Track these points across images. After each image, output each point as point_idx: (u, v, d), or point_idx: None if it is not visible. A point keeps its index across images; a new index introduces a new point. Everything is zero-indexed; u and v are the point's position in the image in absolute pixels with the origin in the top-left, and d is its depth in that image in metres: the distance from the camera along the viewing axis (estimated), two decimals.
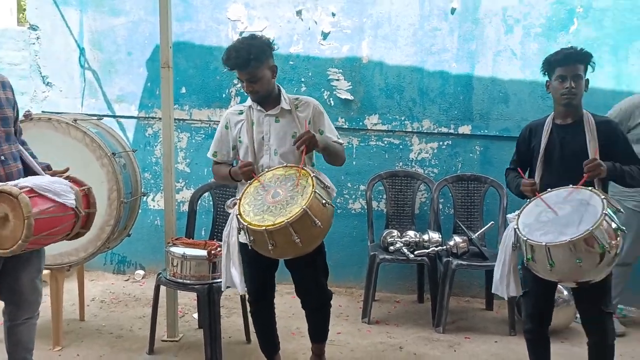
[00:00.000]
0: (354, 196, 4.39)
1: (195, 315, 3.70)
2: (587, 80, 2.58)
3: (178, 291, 3.41)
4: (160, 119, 3.65)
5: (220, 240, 3.30)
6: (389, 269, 4.27)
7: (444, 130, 4.29)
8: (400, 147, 4.35)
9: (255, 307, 2.83)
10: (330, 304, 2.88)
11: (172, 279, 3.09)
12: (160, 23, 3.30)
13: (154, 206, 4.59)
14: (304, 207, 2.27)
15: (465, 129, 4.28)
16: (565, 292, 3.55)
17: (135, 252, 4.59)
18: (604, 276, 2.39)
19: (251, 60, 2.51)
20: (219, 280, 3.01)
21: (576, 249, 2.19)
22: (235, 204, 2.54)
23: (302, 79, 4.34)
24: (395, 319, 3.91)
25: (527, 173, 2.71)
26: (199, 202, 3.65)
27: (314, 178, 2.40)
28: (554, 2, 4.11)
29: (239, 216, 2.41)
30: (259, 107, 2.69)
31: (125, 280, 4.53)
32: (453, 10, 4.20)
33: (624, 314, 3.99)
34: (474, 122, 4.27)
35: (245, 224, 2.34)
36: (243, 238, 2.48)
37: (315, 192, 2.33)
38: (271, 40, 2.68)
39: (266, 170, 2.60)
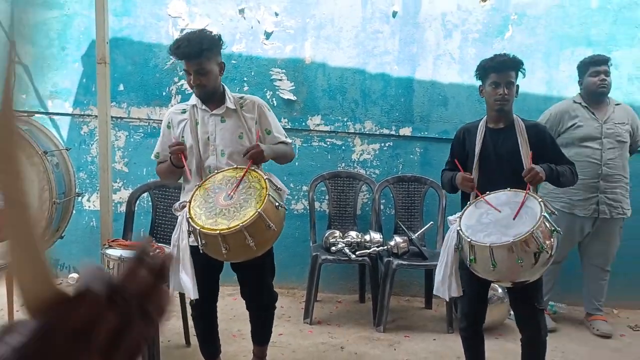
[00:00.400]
0: (296, 197, 4.39)
1: None
2: (518, 86, 2.67)
3: None
4: (96, 116, 3.53)
5: (160, 242, 3.25)
6: (331, 270, 4.30)
7: (386, 131, 4.35)
8: (343, 148, 4.38)
9: (199, 310, 2.77)
10: (275, 305, 2.87)
11: None
12: (97, 17, 3.19)
13: (89, 207, 4.43)
14: (259, 210, 2.26)
15: (406, 131, 4.35)
16: (500, 290, 3.67)
17: (69, 255, 4.42)
18: (538, 276, 2.49)
19: (203, 50, 2.48)
20: None
21: (518, 250, 2.26)
22: (183, 206, 2.49)
23: (245, 79, 4.30)
24: (336, 319, 3.93)
25: None
26: (137, 202, 3.55)
27: (266, 180, 2.39)
28: (490, 9, 4.25)
29: (190, 219, 2.35)
30: (203, 107, 2.63)
31: (58, 284, 4.33)
32: (394, 14, 4.27)
33: (554, 310, 4.17)
34: (414, 124, 4.35)
35: (198, 227, 2.29)
36: (193, 241, 2.43)
37: (269, 194, 2.32)
38: (220, 38, 2.63)
39: (215, 172, 2.54)
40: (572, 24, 4.25)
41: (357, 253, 3.79)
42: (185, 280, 2.50)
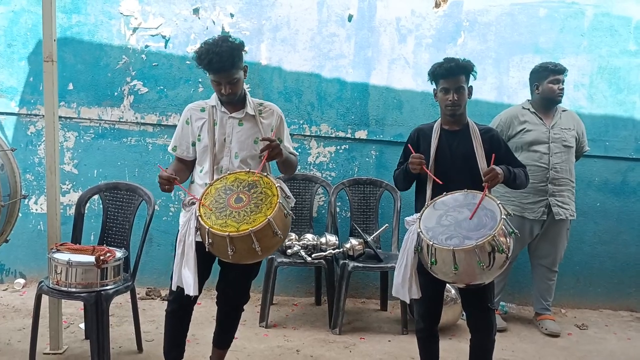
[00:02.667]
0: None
1: (82, 326, 3.49)
2: (471, 88, 2.70)
3: (63, 300, 3.19)
4: (43, 116, 3.42)
5: (111, 246, 3.17)
6: (287, 273, 4.29)
7: (342, 134, 4.37)
8: (299, 150, 4.35)
9: (177, 305, 2.69)
10: (244, 308, 2.87)
11: (56, 288, 2.88)
12: (44, 14, 3.08)
13: (36, 210, 4.27)
14: (269, 217, 2.30)
15: (361, 134, 4.38)
16: (453, 291, 3.73)
17: (15, 260, 4.25)
18: (493, 278, 2.53)
19: (235, 63, 2.52)
20: (108, 287, 2.90)
21: (480, 252, 2.28)
22: (192, 203, 2.50)
23: (200, 80, 4.24)
24: (292, 322, 3.91)
25: (414, 183, 2.80)
26: (88, 205, 3.44)
27: (278, 188, 2.43)
28: (443, 15, 4.34)
29: (199, 217, 2.37)
30: (223, 108, 2.67)
31: (4, 290, 4.17)
32: (350, 17, 4.30)
33: (505, 310, 4.27)
34: (370, 127, 4.39)
35: (207, 227, 2.32)
36: (198, 238, 2.44)
37: (279, 202, 2.36)
38: (243, 43, 2.64)
39: (228, 173, 2.57)
40: (521, 31, 4.38)
41: (313, 256, 3.78)
42: (186, 276, 2.48)
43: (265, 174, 2.51)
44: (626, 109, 4.45)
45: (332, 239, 3.93)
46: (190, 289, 2.47)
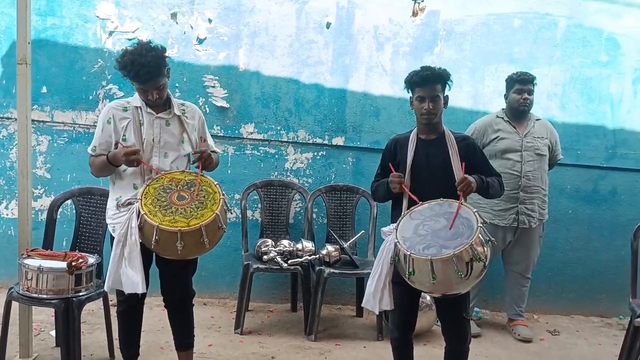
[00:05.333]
0: (229, 204, 4.31)
1: (53, 333, 3.43)
2: (447, 97, 2.73)
3: (33, 307, 3.13)
4: (16, 119, 3.36)
5: (84, 251, 3.13)
6: (262, 279, 4.27)
7: (319, 141, 4.38)
8: (276, 156, 4.37)
9: (128, 304, 2.75)
10: (192, 302, 2.90)
11: (26, 294, 2.83)
12: (18, 16, 3.03)
13: (7, 215, 4.20)
14: (217, 212, 2.51)
15: (338, 140, 4.40)
16: (428, 297, 3.75)
17: None
18: (470, 288, 2.54)
19: (161, 71, 2.61)
20: (80, 294, 2.86)
21: (458, 261, 2.28)
22: (130, 203, 2.59)
23: (177, 84, 4.21)
24: (268, 328, 3.90)
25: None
26: (60, 210, 3.39)
27: (217, 185, 2.65)
28: (419, 24, 4.38)
29: (145, 215, 2.46)
30: (149, 110, 2.71)
31: None
32: (328, 25, 4.32)
33: (479, 316, 4.32)
34: (347, 134, 4.41)
35: (157, 224, 2.43)
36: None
37: (223, 198, 2.59)
38: (164, 48, 2.71)
39: (163, 173, 2.66)
40: (496, 41, 4.45)
41: (289, 262, 3.77)
42: (131, 275, 2.54)
43: (202, 173, 2.68)
44: (597, 119, 4.55)
45: (309, 245, 3.93)
46: (139, 287, 2.54)
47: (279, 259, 3.77)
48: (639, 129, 4.56)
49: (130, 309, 2.78)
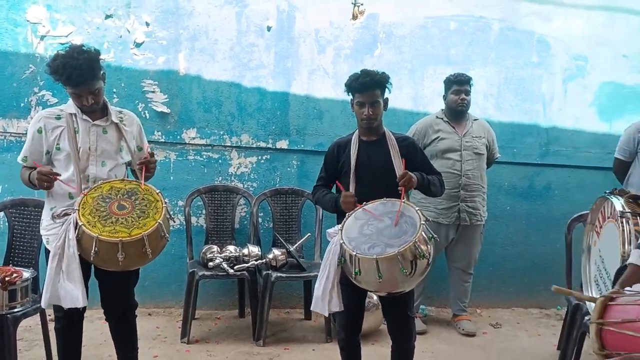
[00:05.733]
0: (172, 212, 4.22)
1: None
2: (387, 100, 2.78)
3: None
4: None
5: (18, 266, 3.01)
6: (209, 286, 4.21)
7: (263, 144, 4.36)
8: (220, 161, 4.32)
9: (67, 320, 2.64)
10: (135, 313, 2.82)
11: None
12: None
13: None
14: (159, 220, 2.46)
15: (282, 144, 4.39)
16: (375, 297, 3.80)
17: None
18: (415, 285, 2.59)
19: (95, 74, 2.52)
20: (15, 310, 2.75)
21: (403, 259, 2.32)
22: (66, 213, 2.50)
23: (114, 90, 4.10)
24: (215, 336, 3.84)
25: (334, 188, 2.85)
26: None
27: (159, 193, 2.59)
28: (360, 27, 4.43)
29: (84, 226, 2.38)
30: (84, 116, 2.62)
31: None
32: (269, 28, 4.31)
33: (425, 313, 4.40)
34: (291, 137, 4.40)
35: (96, 235, 2.36)
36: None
37: (165, 206, 2.54)
38: (98, 51, 2.62)
39: (101, 182, 2.59)
40: (434, 44, 4.56)
41: (235, 267, 3.74)
42: (70, 289, 2.45)
43: (142, 181, 2.62)
44: (531, 117, 4.73)
45: (255, 250, 3.90)
46: (79, 301, 2.46)
47: (225, 265, 3.72)
48: (570, 127, 4.77)
49: (69, 325, 2.68)
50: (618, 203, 3.12)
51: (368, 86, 2.67)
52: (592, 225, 3.48)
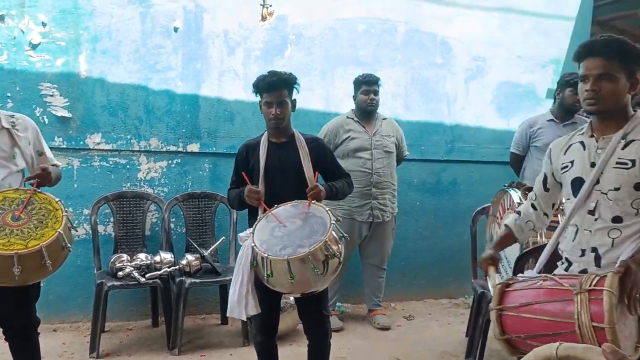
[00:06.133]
0: (77, 221, 4.02)
1: None
2: (295, 101, 2.81)
3: None
4: None
5: None
6: (119, 296, 4.06)
7: (173, 148, 4.26)
8: (127, 166, 4.17)
9: None
10: (37, 330, 2.67)
11: None
12: None
13: None
14: (59, 230, 2.34)
15: (193, 147, 4.31)
16: (292, 298, 3.81)
17: None
18: (328, 284, 2.63)
19: None
20: None
21: (314, 259, 2.35)
22: None
23: (9, 94, 3.85)
24: (127, 348, 3.71)
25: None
26: None
27: (58, 202, 2.47)
28: (269, 28, 4.43)
29: None
30: None
31: None
32: (176, 29, 4.21)
33: (341, 310, 4.48)
34: (202, 140, 4.33)
35: None
36: None
37: (66, 215, 2.42)
38: None
39: None
40: (343, 45, 4.64)
41: (147, 276, 3.62)
42: None
43: (39, 190, 2.50)
44: (436, 116, 4.92)
45: (167, 256, 3.81)
46: None
47: (136, 274, 3.60)
48: (472, 124, 5.01)
49: None
50: (516, 195, 3.33)
51: (275, 86, 2.69)
52: (493, 217, 3.69)
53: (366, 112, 4.14)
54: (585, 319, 1.69)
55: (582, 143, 2.15)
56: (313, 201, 2.61)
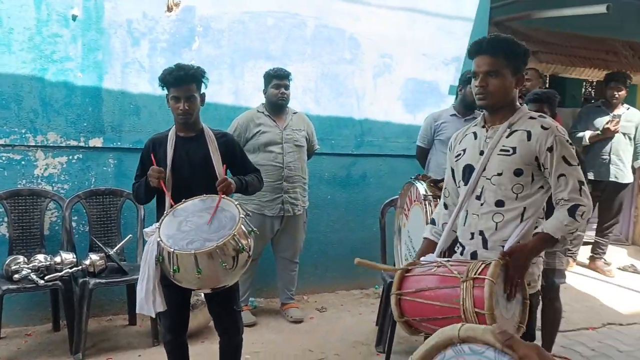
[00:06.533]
0: None
1: None
2: (204, 95, 2.77)
3: None
4: None
5: None
6: (15, 301, 3.81)
7: (73, 143, 4.04)
8: (23, 163, 3.91)
9: None
10: None
11: None
12: None
13: None
14: None
15: (97, 142, 4.11)
16: (203, 294, 3.75)
17: None
18: (237, 279, 2.61)
19: None
20: None
21: (222, 253, 2.32)
22: None
23: None
24: (26, 355, 3.49)
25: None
26: None
27: None
28: (175, 19, 4.31)
29: None
30: None
31: None
32: (74, 17, 3.99)
33: (254, 305, 4.46)
34: (106, 135, 4.14)
35: None
36: None
37: None
38: None
39: None
40: (252, 38, 4.60)
41: (46, 278, 3.43)
42: None
43: None
44: (346, 111, 5.01)
45: (69, 257, 3.62)
46: None
47: (34, 276, 3.40)
48: (381, 119, 5.14)
49: None
50: (422, 187, 3.46)
51: (182, 80, 2.64)
52: (401, 209, 3.82)
53: (277, 106, 4.14)
54: (469, 305, 1.85)
55: (474, 133, 2.33)
56: (222, 195, 2.58)
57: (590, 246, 6.01)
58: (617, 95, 5.54)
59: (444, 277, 2.00)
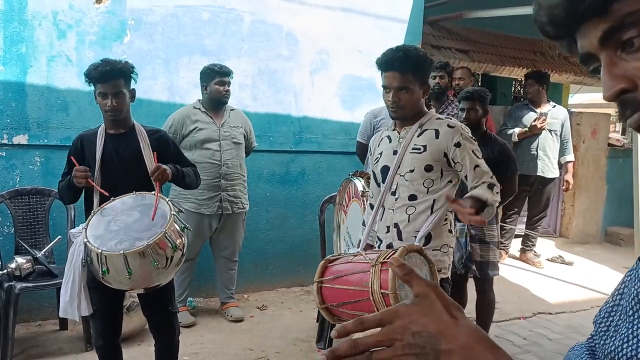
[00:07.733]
0: None
1: None
2: (133, 91, 2.68)
3: None
4: None
5: None
6: None
7: None
8: None
9: None
10: None
11: None
12: None
13: None
14: None
15: (21, 139, 3.90)
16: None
17: None
18: (172, 277, 2.54)
19: None
20: None
21: (153, 252, 2.26)
22: None
23: None
24: None
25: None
26: None
27: None
28: (105, 12, 4.14)
29: None
30: None
31: None
32: None
33: (193, 305, 4.37)
34: (31, 132, 3.94)
35: None
36: None
37: None
38: None
39: None
40: (187, 33, 4.50)
41: None
42: None
43: None
44: (284, 108, 4.98)
45: None
46: None
47: None
48: (319, 116, 5.15)
49: None
50: (359, 183, 3.49)
51: (109, 76, 2.55)
52: (340, 205, 3.84)
53: (220, 103, 4.08)
54: (377, 287, 1.94)
55: (388, 137, 2.53)
56: (152, 192, 2.51)
57: (520, 239, 6.26)
58: (531, 92, 5.78)
59: (359, 264, 2.10)
